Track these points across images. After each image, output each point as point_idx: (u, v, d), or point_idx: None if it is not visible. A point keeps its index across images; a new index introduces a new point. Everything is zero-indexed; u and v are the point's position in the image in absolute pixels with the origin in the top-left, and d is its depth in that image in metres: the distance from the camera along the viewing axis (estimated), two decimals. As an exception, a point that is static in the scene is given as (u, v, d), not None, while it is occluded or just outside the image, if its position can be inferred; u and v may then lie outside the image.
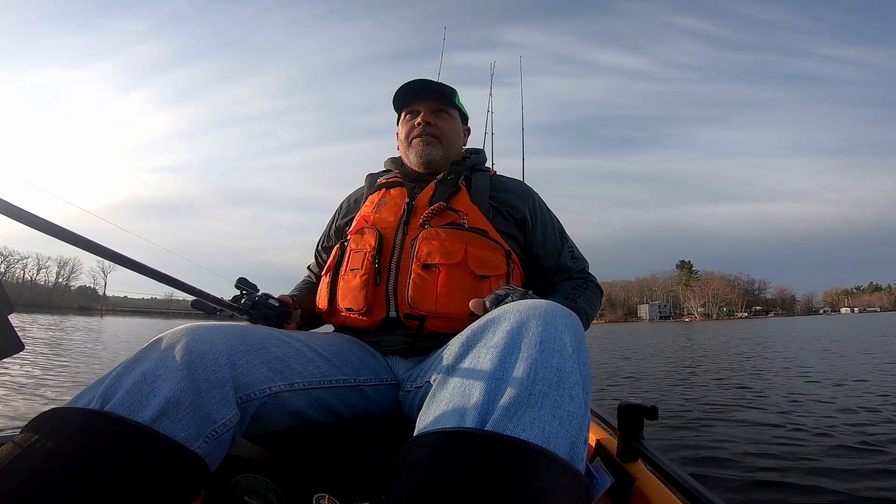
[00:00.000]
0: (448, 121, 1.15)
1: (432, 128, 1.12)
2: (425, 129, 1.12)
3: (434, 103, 1.14)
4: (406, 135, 1.14)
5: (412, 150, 1.13)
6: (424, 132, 1.12)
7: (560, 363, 0.54)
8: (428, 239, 0.95)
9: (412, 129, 1.13)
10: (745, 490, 2.13)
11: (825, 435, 3.01)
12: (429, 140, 1.11)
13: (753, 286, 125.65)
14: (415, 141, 1.12)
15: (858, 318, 55.39)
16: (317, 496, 0.82)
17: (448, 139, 1.14)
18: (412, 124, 1.13)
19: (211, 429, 0.62)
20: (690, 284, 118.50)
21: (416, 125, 1.12)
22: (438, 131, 1.13)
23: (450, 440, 0.49)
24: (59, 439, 0.52)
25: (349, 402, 0.85)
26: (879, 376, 5.59)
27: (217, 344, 0.68)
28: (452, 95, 1.16)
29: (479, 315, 0.76)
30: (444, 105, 1.15)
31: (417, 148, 1.12)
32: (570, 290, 1.07)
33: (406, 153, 1.16)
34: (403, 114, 1.17)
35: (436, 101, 1.14)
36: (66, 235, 0.62)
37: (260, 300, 1.02)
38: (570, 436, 0.50)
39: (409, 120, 1.15)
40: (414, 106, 1.15)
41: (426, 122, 1.12)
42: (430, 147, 1.11)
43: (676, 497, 0.67)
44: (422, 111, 1.13)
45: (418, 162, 1.13)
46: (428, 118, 1.12)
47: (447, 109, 1.15)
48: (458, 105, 1.19)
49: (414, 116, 1.14)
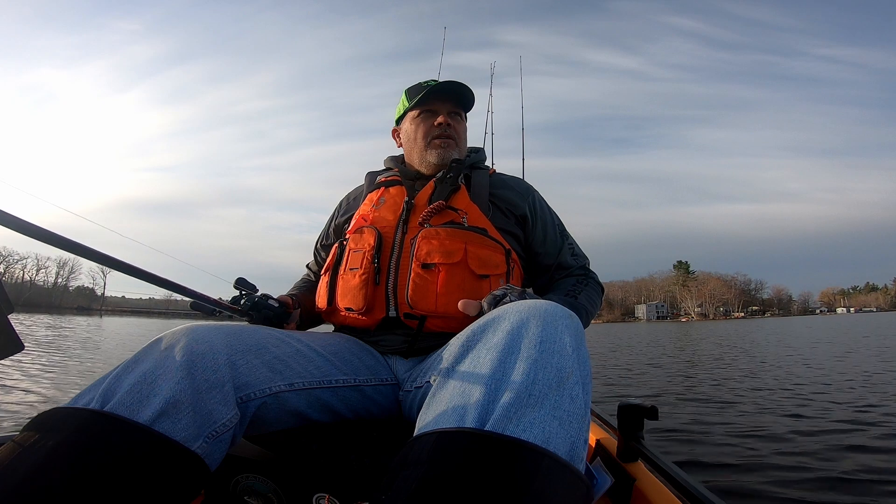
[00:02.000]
0: (462, 123, 1.16)
1: (451, 129, 1.12)
2: (445, 130, 1.11)
3: (453, 105, 1.14)
4: (424, 134, 1.12)
5: (431, 151, 1.12)
6: (444, 134, 1.11)
7: (560, 363, 0.54)
8: (427, 238, 0.94)
9: (430, 129, 1.12)
10: (745, 490, 2.14)
11: (825, 433, 3.02)
12: (448, 143, 1.11)
13: (750, 286, 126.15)
14: (435, 141, 1.11)
15: (854, 318, 55.54)
16: (317, 496, 0.82)
17: (462, 141, 1.15)
18: (430, 124, 1.12)
19: (211, 429, 0.62)
20: (687, 285, 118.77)
21: (436, 126, 1.11)
22: (455, 133, 1.13)
23: (450, 440, 0.49)
24: (59, 439, 0.52)
25: (349, 402, 0.85)
26: (880, 376, 5.61)
27: (217, 344, 0.68)
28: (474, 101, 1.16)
29: (472, 316, 0.77)
30: (460, 108, 1.15)
31: (438, 149, 1.11)
32: (570, 286, 1.06)
33: (420, 152, 1.13)
34: (417, 111, 1.14)
35: (455, 103, 1.14)
36: (62, 242, 0.61)
37: (260, 301, 1.02)
38: (571, 436, 0.50)
39: (426, 119, 1.13)
40: (433, 105, 1.13)
41: (447, 123, 1.11)
42: (450, 150, 1.11)
43: (676, 497, 0.67)
44: (441, 112, 1.12)
45: (436, 163, 1.11)
46: (448, 120, 1.12)
47: (461, 112, 1.16)
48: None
49: (431, 116, 1.12)
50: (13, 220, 0.55)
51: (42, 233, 0.59)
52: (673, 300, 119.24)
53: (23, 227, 0.57)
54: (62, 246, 0.62)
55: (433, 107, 1.12)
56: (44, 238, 0.59)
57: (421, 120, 1.13)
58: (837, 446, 2.73)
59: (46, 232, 0.59)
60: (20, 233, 0.57)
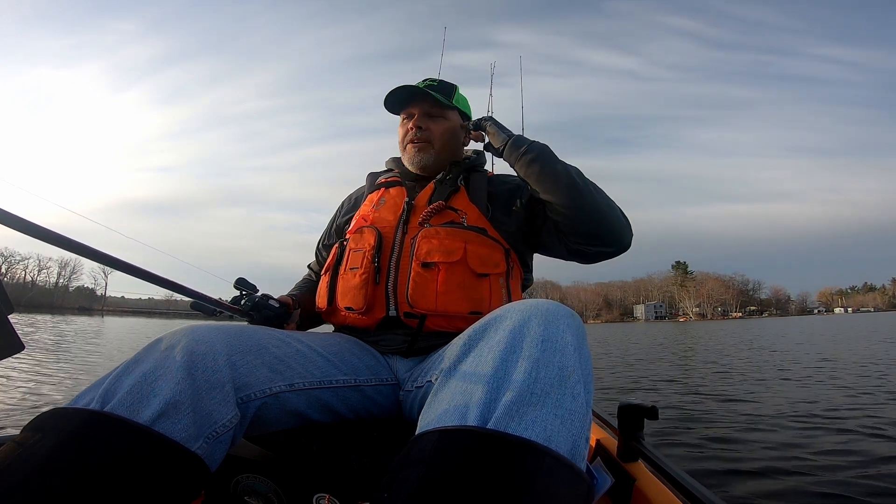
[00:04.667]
0: (443, 123, 1.14)
1: (424, 132, 1.11)
2: (417, 134, 1.11)
3: (429, 106, 1.13)
4: (401, 138, 1.15)
5: (405, 155, 1.14)
6: (416, 138, 1.11)
7: (562, 362, 0.55)
8: (427, 237, 0.95)
9: (406, 133, 1.13)
10: (745, 490, 2.14)
11: (825, 431, 3.03)
12: (420, 146, 1.11)
13: (748, 286, 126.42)
14: (408, 146, 1.12)
15: (852, 318, 55.66)
16: (317, 496, 0.82)
17: (440, 143, 1.13)
18: (406, 129, 1.13)
19: (211, 429, 0.62)
20: (686, 285, 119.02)
21: (409, 130, 1.12)
22: (431, 135, 1.12)
23: (452, 439, 0.49)
24: (60, 439, 0.52)
25: (349, 403, 0.85)
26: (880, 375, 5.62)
27: (217, 344, 0.68)
28: (450, 96, 1.15)
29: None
30: (438, 107, 1.13)
31: (410, 153, 1.12)
32: None
33: (403, 156, 1.16)
34: (402, 116, 1.17)
35: (430, 103, 1.13)
36: (64, 242, 0.61)
37: (260, 301, 1.02)
38: (572, 434, 0.50)
39: (404, 123, 1.15)
40: (410, 108, 1.14)
41: (418, 126, 1.11)
42: (422, 153, 1.11)
43: (677, 497, 0.67)
44: (416, 114, 1.12)
45: (411, 166, 1.13)
46: (420, 122, 1.11)
47: (443, 112, 1.14)
48: (455, 105, 1.17)
49: (409, 119, 1.13)
50: (16, 220, 0.55)
51: (45, 233, 0.59)
52: (671, 300, 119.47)
53: (26, 227, 0.57)
54: (65, 246, 0.62)
55: (410, 109, 1.14)
56: (47, 238, 0.59)
57: (402, 124, 1.16)
58: (838, 446, 2.73)
59: (49, 232, 0.59)
60: (23, 233, 0.57)
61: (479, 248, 0.96)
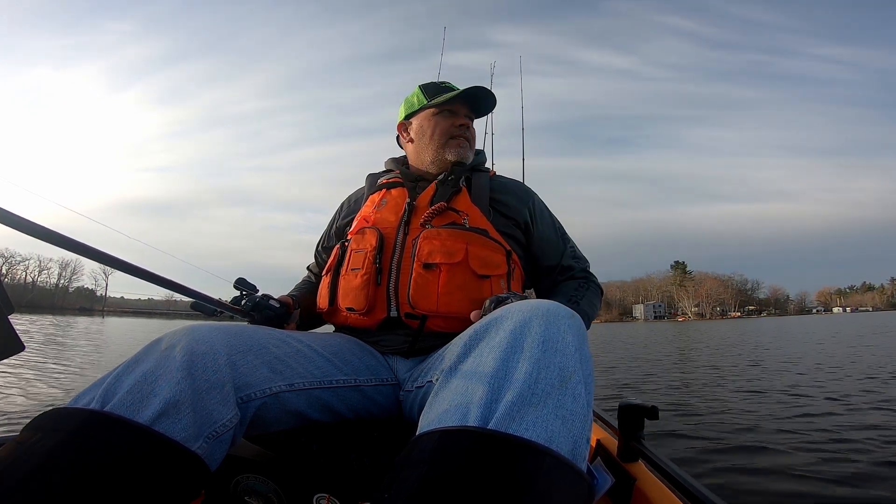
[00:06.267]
0: (473, 127, 1.19)
1: (469, 132, 1.16)
2: (465, 132, 1.15)
3: (469, 110, 1.17)
4: (443, 132, 1.13)
5: (450, 149, 1.13)
6: (463, 135, 1.15)
7: (563, 362, 0.54)
8: (429, 238, 0.95)
9: (449, 127, 1.13)
10: (745, 489, 2.14)
11: (826, 431, 3.03)
12: (466, 144, 1.15)
13: (747, 286, 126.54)
14: (453, 141, 1.13)
15: (851, 318, 55.69)
16: (317, 496, 0.82)
17: (475, 144, 1.19)
18: (450, 123, 1.13)
19: (211, 429, 0.62)
20: (685, 285, 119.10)
21: (457, 126, 1.14)
22: (472, 136, 1.18)
23: (453, 439, 0.49)
24: (60, 439, 0.52)
25: (349, 403, 0.85)
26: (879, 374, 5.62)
27: (217, 344, 0.68)
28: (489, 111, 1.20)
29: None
30: (475, 114, 1.19)
31: (457, 148, 1.13)
32: (572, 292, 1.08)
33: (436, 150, 1.13)
34: (434, 110, 1.14)
35: (472, 109, 1.17)
36: (66, 242, 0.61)
37: (261, 301, 1.02)
38: (573, 435, 0.50)
39: (445, 118, 1.14)
40: (453, 106, 1.15)
41: (467, 125, 1.15)
42: (467, 151, 1.15)
43: (677, 497, 0.67)
44: (461, 113, 1.15)
45: (452, 160, 1.13)
46: (468, 122, 1.16)
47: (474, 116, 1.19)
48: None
49: (451, 116, 1.14)
50: (17, 220, 0.55)
51: (46, 233, 0.59)
52: (670, 300, 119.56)
53: (28, 227, 0.57)
54: (66, 246, 0.62)
55: (453, 107, 1.14)
56: (48, 238, 0.59)
57: (441, 118, 1.14)
58: (838, 446, 2.73)
59: (51, 232, 0.59)
60: (25, 233, 0.57)
61: (481, 250, 0.95)
